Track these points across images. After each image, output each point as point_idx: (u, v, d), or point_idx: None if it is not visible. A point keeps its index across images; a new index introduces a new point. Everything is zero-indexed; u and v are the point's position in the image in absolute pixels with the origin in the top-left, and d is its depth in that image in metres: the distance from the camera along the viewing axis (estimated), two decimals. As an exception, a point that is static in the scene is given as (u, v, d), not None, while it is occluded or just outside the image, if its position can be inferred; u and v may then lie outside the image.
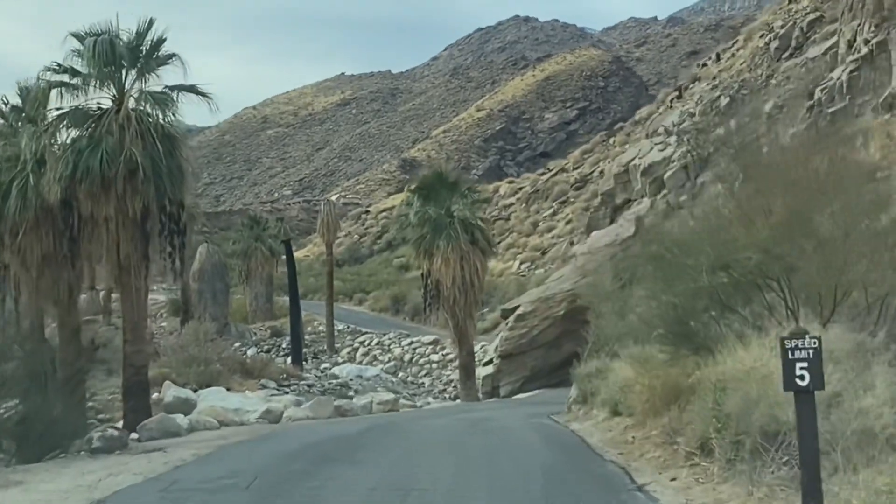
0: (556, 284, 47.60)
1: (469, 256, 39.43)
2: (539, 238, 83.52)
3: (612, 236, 48.16)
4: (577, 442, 15.75)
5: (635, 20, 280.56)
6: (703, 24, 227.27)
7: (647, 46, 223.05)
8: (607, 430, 17.13)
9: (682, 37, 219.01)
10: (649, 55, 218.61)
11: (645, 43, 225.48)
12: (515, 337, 46.51)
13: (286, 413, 24.41)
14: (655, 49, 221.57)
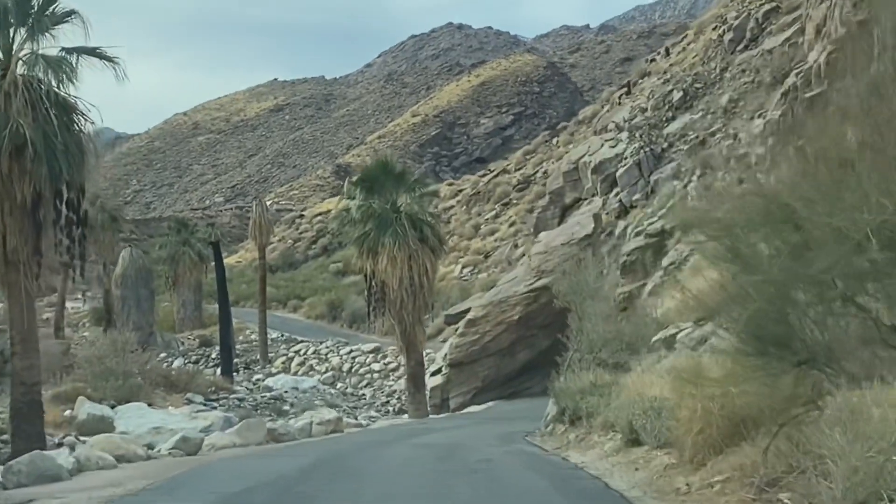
0: (510, 287, 43.31)
1: (418, 255, 34.95)
2: (481, 241, 79.41)
3: (568, 235, 44.05)
4: (599, 489, 11.34)
5: (567, 28, 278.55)
6: (635, 31, 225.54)
7: (580, 53, 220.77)
8: (630, 466, 12.74)
9: (616, 43, 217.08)
10: (583, 61, 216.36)
11: (579, 49, 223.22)
12: (466, 344, 42.17)
13: (208, 441, 19.68)
14: (589, 55, 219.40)
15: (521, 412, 34.33)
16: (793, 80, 38.85)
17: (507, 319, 41.89)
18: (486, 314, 42.35)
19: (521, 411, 34.68)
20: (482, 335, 42.04)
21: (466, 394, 42.00)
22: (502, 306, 42.27)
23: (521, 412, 34.33)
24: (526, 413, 33.42)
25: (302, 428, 23.19)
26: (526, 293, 42.13)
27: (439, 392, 42.33)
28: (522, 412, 34.28)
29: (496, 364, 41.96)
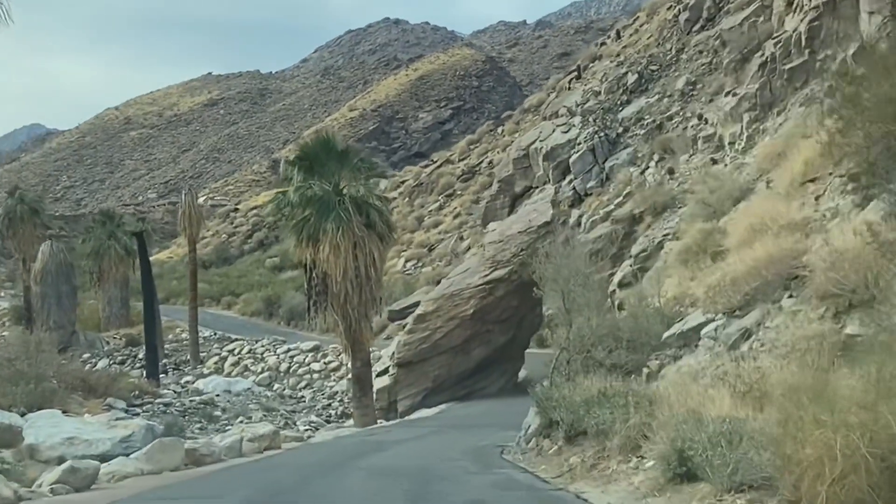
0: (462, 279, 39.26)
1: (364, 243, 30.78)
2: (425, 234, 75.41)
3: (525, 222, 40.15)
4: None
5: (505, 24, 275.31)
6: (572, 26, 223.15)
7: (518, 48, 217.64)
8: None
9: (553, 38, 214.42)
10: (521, 56, 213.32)
11: (516, 44, 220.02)
12: (415, 342, 38.05)
13: (107, 469, 15.33)
14: (527, 51, 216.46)
15: (479, 417, 30.32)
16: (770, 51, 35.30)
17: (460, 314, 37.88)
18: (436, 308, 38.29)
19: (480, 416, 30.67)
20: (433, 331, 37.99)
21: (416, 395, 37.93)
22: (455, 300, 38.24)
23: (479, 417, 30.32)
24: (486, 418, 29.41)
25: (230, 446, 18.89)
26: (480, 285, 38.16)
27: (386, 394, 38.18)
28: (481, 417, 30.26)
29: (448, 363, 37.95)
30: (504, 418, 29.09)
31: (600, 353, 16.91)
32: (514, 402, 35.13)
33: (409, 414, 37.14)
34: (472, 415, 31.14)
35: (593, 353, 17.09)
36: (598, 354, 16.95)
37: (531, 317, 40.82)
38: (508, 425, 26.33)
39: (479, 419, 29.16)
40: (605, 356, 16.81)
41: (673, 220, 33.09)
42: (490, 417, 29.37)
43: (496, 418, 29.05)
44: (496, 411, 32.00)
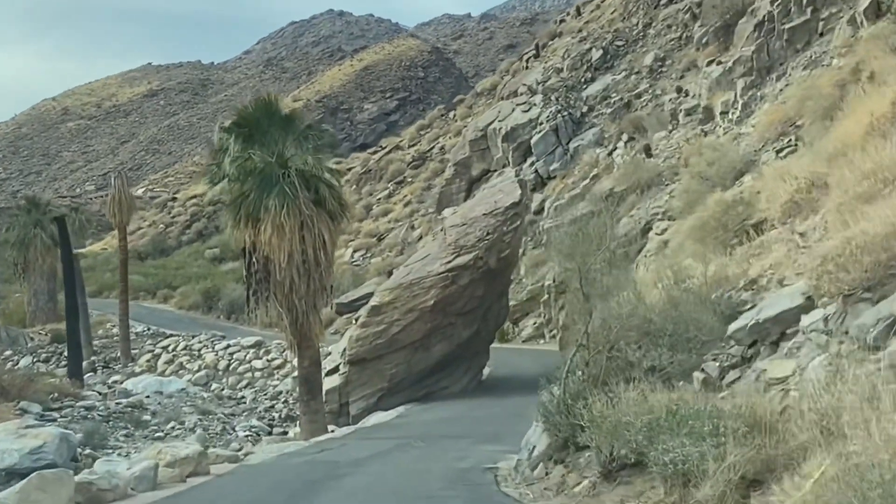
0: (422, 266, 34.75)
1: (312, 223, 26.21)
2: (374, 223, 70.90)
3: (490, 204, 35.71)
4: None
5: (449, 17, 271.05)
6: (518, 18, 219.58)
7: (464, 39, 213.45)
8: None
9: (499, 30, 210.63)
10: (466, 48, 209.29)
11: (462, 36, 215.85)
12: (370, 336, 33.45)
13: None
14: (472, 42, 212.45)
15: (446, 424, 25.86)
16: (766, 10, 31.27)
17: (419, 305, 33.36)
18: (393, 299, 33.72)
19: (447, 423, 26.21)
20: (389, 325, 33.41)
21: (371, 397, 33.33)
22: (413, 290, 33.70)
23: (446, 424, 25.86)
24: (455, 426, 24.93)
25: (141, 475, 14.19)
26: (442, 273, 33.66)
27: (336, 395, 33.54)
28: (449, 424, 25.80)
29: (407, 360, 33.41)
30: (475, 426, 24.64)
31: (633, 353, 12.53)
32: (481, 405, 30.69)
33: (362, 418, 32.54)
34: (437, 421, 26.67)
35: (623, 351, 12.71)
36: (629, 354, 12.57)
37: (497, 308, 36.47)
38: (484, 436, 21.92)
39: (446, 427, 24.72)
40: (640, 356, 12.44)
41: (662, 198, 29.02)
42: (459, 425, 24.95)
43: (467, 426, 24.58)
44: (464, 416, 27.58)
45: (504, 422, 24.74)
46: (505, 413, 27.31)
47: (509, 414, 26.82)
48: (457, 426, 24.48)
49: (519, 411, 27.93)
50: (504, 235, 34.43)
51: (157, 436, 33.84)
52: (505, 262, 35.08)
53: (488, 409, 28.92)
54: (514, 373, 37.52)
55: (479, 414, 27.61)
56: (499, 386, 35.21)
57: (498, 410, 28.16)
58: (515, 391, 32.73)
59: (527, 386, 35.56)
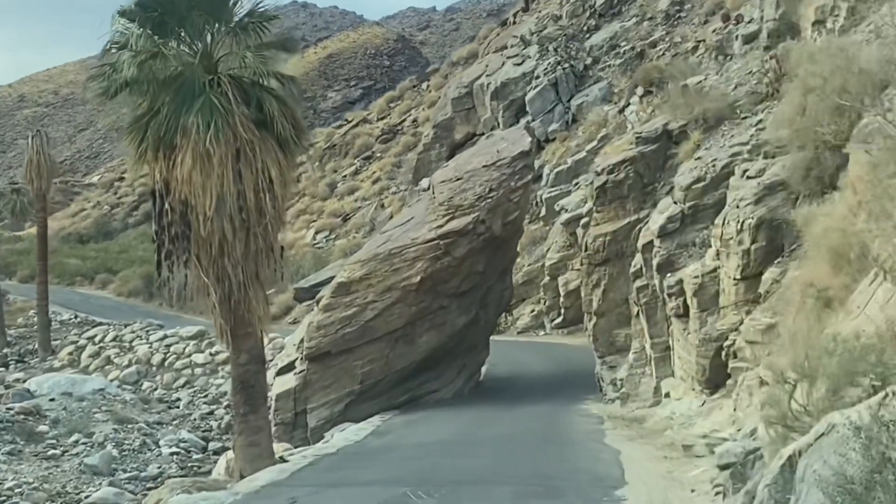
0: (403, 233, 25.84)
1: (253, 153, 17.29)
2: (338, 202, 61.96)
3: (491, 154, 26.84)
4: None
5: (414, 9, 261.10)
6: (484, 9, 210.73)
7: (430, 30, 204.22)
8: None
9: (466, 21, 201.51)
10: (433, 39, 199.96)
11: (428, 27, 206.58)
12: (335, 323, 24.52)
13: None
14: (438, 33, 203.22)
15: (448, 451, 16.75)
16: None
17: (401, 283, 24.47)
18: (367, 275, 24.77)
19: (448, 448, 17.11)
20: (362, 308, 24.50)
21: (335, 403, 24.41)
22: (393, 262, 24.77)
23: (448, 451, 16.75)
24: (465, 458, 15.74)
25: None
26: (432, 241, 24.79)
27: (291, 402, 24.62)
28: (452, 451, 16.66)
29: (384, 354, 24.52)
30: (499, 458, 15.47)
31: None
32: (488, 418, 21.58)
33: (324, 431, 23.60)
34: (435, 446, 17.63)
35: None
36: None
37: (499, 289, 27.58)
38: (525, 481, 13.04)
39: (453, 459, 15.71)
40: None
41: (745, 133, 20.25)
42: (472, 455, 15.95)
43: (485, 458, 15.50)
44: (471, 438, 18.62)
45: (538, 450, 15.95)
46: (528, 433, 18.47)
47: (535, 435, 18.00)
48: (470, 457, 15.49)
49: (546, 430, 19.04)
50: (511, 193, 25.61)
51: (50, 453, 24.74)
52: (512, 229, 26.24)
53: (501, 424, 20.02)
54: (518, 371, 28.67)
55: (492, 433, 18.69)
56: (502, 389, 26.32)
57: (517, 428, 19.28)
58: (527, 398, 23.86)
59: (538, 390, 26.67)
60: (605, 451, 15.35)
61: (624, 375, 21.41)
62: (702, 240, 19.45)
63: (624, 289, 22.02)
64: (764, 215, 17.13)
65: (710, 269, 18.40)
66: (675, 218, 19.95)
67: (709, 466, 12.85)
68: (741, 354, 15.93)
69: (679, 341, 19.53)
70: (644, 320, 20.73)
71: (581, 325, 35.56)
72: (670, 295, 19.35)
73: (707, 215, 19.71)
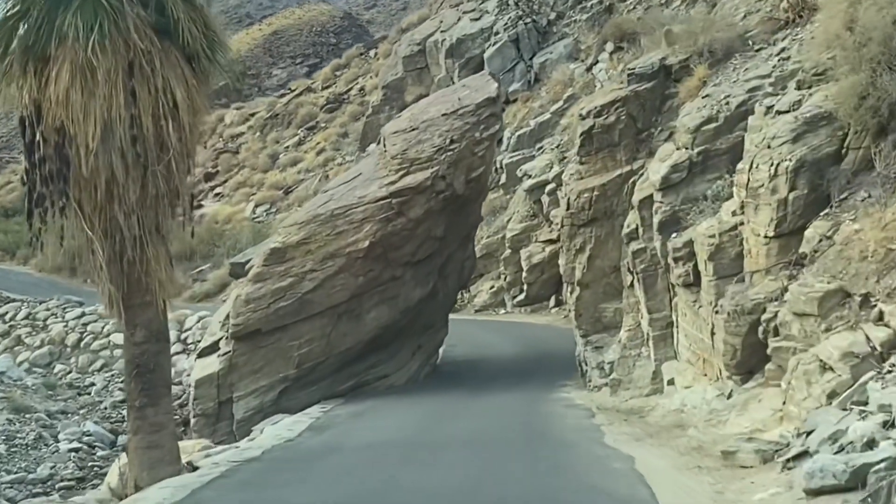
0: (350, 190, 21.72)
1: (152, 67, 13.14)
2: (280, 174, 57.46)
3: (453, 103, 22.74)
4: None
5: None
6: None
7: (377, 9, 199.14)
8: None
9: (413, 1, 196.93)
10: (380, 18, 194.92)
11: (375, 6, 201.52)
12: (267, 296, 20.38)
13: None
14: (385, 12, 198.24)
15: (408, 455, 12.73)
16: None
17: (346, 249, 20.39)
18: (305, 239, 20.66)
19: (408, 451, 13.04)
20: (298, 279, 20.39)
21: (267, 391, 20.31)
22: (337, 224, 20.67)
23: (408, 455, 12.73)
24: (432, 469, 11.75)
25: None
26: (383, 200, 20.71)
27: (213, 389, 20.49)
28: (412, 455, 12.62)
29: (325, 333, 20.46)
30: (477, 464, 11.71)
31: None
32: (451, 409, 17.48)
33: (253, 424, 19.58)
34: (391, 446, 13.62)
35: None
36: None
37: (460, 257, 23.56)
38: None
39: (421, 471, 11.71)
40: None
41: (764, 65, 16.43)
42: (441, 461, 11.99)
43: (459, 464, 11.61)
44: (436, 436, 14.64)
45: (524, 456, 12.09)
46: (506, 430, 14.59)
47: (515, 433, 14.18)
48: (436, 468, 11.51)
49: (528, 426, 15.10)
50: (476, 146, 21.59)
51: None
52: (476, 187, 22.25)
53: (469, 418, 16.07)
54: (480, 353, 24.71)
55: (460, 431, 14.70)
56: (464, 374, 22.36)
57: (490, 423, 15.34)
58: (494, 384, 19.95)
59: (506, 374, 22.49)
60: (613, 458, 11.48)
61: (614, 358, 17.56)
62: (715, 192, 15.65)
63: (614, 254, 18.17)
64: (804, 156, 13.36)
65: (729, 225, 14.59)
66: (682, 166, 16.11)
67: (777, 486, 9.01)
68: (785, 331, 12.11)
69: (686, 316, 15.73)
70: (640, 291, 16.87)
71: (546, 304, 31.83)
72: (676, 260, 15.52)
73: (721, 163, 15.93)
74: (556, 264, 30.86)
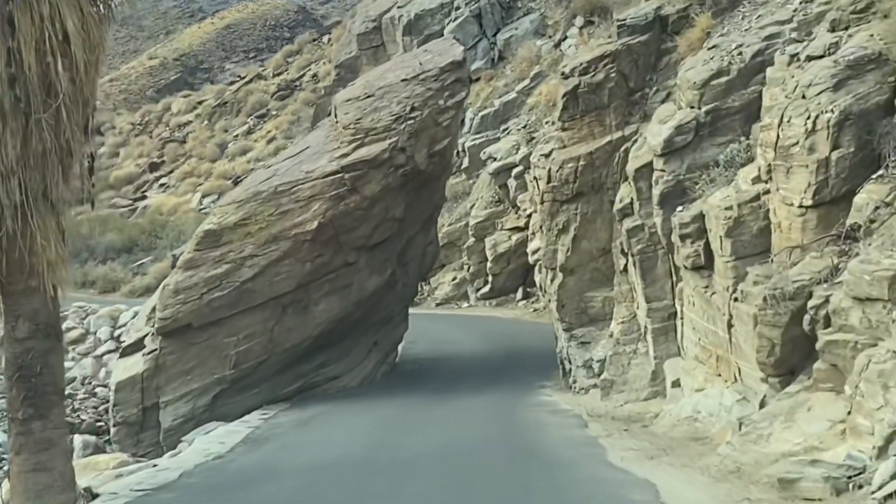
0: (295, 165, 18.82)
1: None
2: (229, 163, 54.32)
3: (412, 68, 19.89)
4: None
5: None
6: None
7: (332, 4, 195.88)
8: None
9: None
10: (335, 13, 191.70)
11: (330, 1, 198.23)
12: (199, 285, 17.47)
13: None
14: (340, 7, 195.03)
15: (362, 473, 9.95)
16: None
17: (291, 231, 17.53)
18: (245, 219, 17.75)
19: (362, 471, 10.27)
20: (237, 264, 17.50)
21: (199, 395, 17.41)
22: (282, 202, 17.80)
23: (362, 473, 9.95)
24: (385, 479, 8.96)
25: None
26: (334, 175, 17.88)
27: (137, 393, 17.54)
28: (368, 474, 9.91)
29: (267, 328, 17.58)
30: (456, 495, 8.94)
31: None
32: (416, 417, 14.60)
33: (183, 434, 16.66)
34: (343, 468, 10.76)
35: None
36: None
37: (422, 242, 20.74)
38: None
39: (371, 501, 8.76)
40: None
41: (783, 10, 13.83)
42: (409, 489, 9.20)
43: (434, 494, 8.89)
44: (399, 449, 11.85)
45: (514, 483, 9.26)
46: (485, 445, 11.89)
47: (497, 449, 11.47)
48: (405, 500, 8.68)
49: (510, 439, 12.32)
50: (439, 115, 18.85)
51: None
52: (440, 163, 19.47)
53: (437, 428, 13.29)
54: (444, 351, 21.94)
55: (427, 445, 11.91)
56: (427, 374, 19.57)
57: (463, 435, 12.56)
58: (463, 386, 17.22)
59: (475, 374, 19.42)
60: (627, 485, 8.78)
61: (604, 355, 14.90)
62: (728, 156, 13.04)
63: (603, 234, 15.54)
64: (849, 107, 10.78)
65: (749, 195, 12.00)
66: (687, 128, 13.48)
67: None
68: (841, 320, 9.47)
69: (693, 305, 13.11)
70: (637, 276, 14.22)
71: (512, 296, 29.16)
72: (683, 238, 12.88)
73: (734, 123, 13.35)
74: (524, 253, 28.33)
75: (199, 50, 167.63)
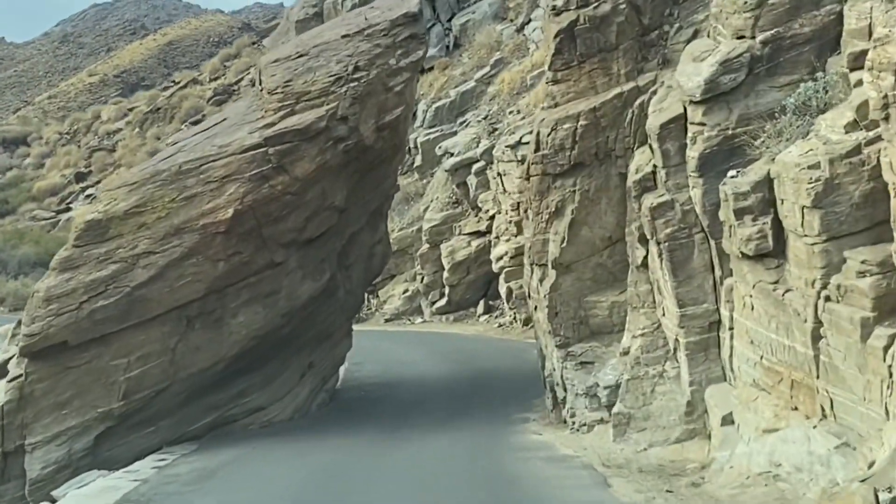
0: (206, 139, 14.51)
1: None
2: (160, 172, 49.23)
3: (356, 25, 15.77)
4: None
5: (261, 6, 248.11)
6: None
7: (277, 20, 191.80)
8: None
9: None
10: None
11: (275, 17, 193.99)
12: (78, 291, 13.15)
13: None
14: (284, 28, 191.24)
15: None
16: None
17: (199, 220, 13.30)
18: (138, 207, 13.49)
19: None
20: (128, 264, 13.22)
21: (77, 436, 13.08)
22: (187, 184, 13.56)
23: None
24: None
25: None
26: (255, 149, 13.66)
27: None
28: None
29: (167, 346, 13.33)
30: None
31: None
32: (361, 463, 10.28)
33: (55, 484, 12.37)
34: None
35: None
36: None
37: (368, 240, 16.52)
38: None
39: None
40: None
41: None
42: None
43: None
44: None
45: None
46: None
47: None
48: None
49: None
50: (390, 77, 14.81)
51: None
52: (391, 139, 15.33)
53: (392, 486, 9.05)
54: (397, 375, 17.74)
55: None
56: (376, 406, 15.34)
57: (430, 498, 8.29)
58: (422, 419, 13.08)
59: (438, 405, 14.21)
60: None
61: (617, 380, 10.85)
62: (801, 98, 9.16)
63: (609, 218, 11.52)
64: None
65: (846, 147, 8.12)
66: (738, 63, 9.61)
67: None
68: None
69: (751, 308, 9.17)
70: (665, 272, 10.23)
71: (472, 311, 25.08)
72: (740, 213, 8.97)
73: (802, 55, 9.47)
74: (486, 261, 24.35)
75: (140, 66, 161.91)
